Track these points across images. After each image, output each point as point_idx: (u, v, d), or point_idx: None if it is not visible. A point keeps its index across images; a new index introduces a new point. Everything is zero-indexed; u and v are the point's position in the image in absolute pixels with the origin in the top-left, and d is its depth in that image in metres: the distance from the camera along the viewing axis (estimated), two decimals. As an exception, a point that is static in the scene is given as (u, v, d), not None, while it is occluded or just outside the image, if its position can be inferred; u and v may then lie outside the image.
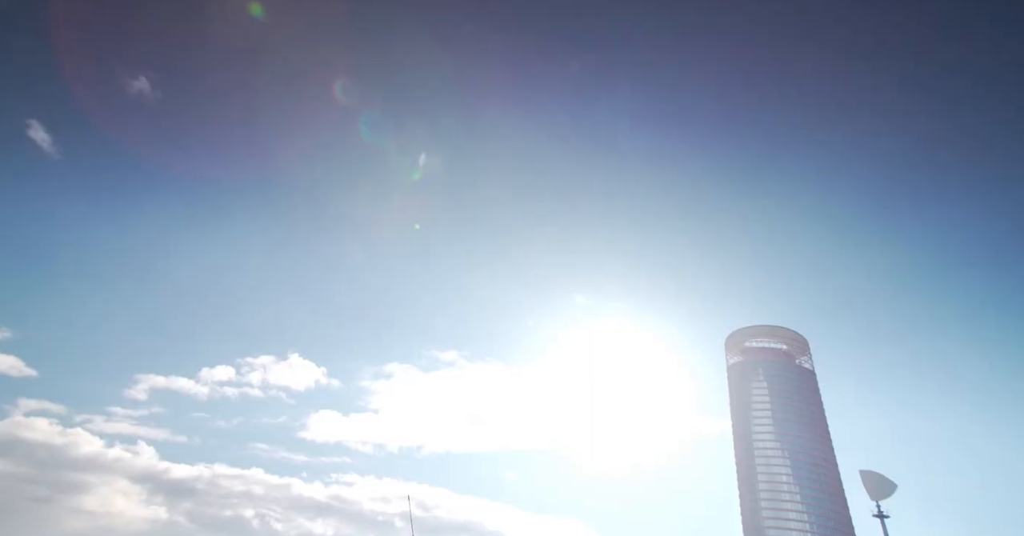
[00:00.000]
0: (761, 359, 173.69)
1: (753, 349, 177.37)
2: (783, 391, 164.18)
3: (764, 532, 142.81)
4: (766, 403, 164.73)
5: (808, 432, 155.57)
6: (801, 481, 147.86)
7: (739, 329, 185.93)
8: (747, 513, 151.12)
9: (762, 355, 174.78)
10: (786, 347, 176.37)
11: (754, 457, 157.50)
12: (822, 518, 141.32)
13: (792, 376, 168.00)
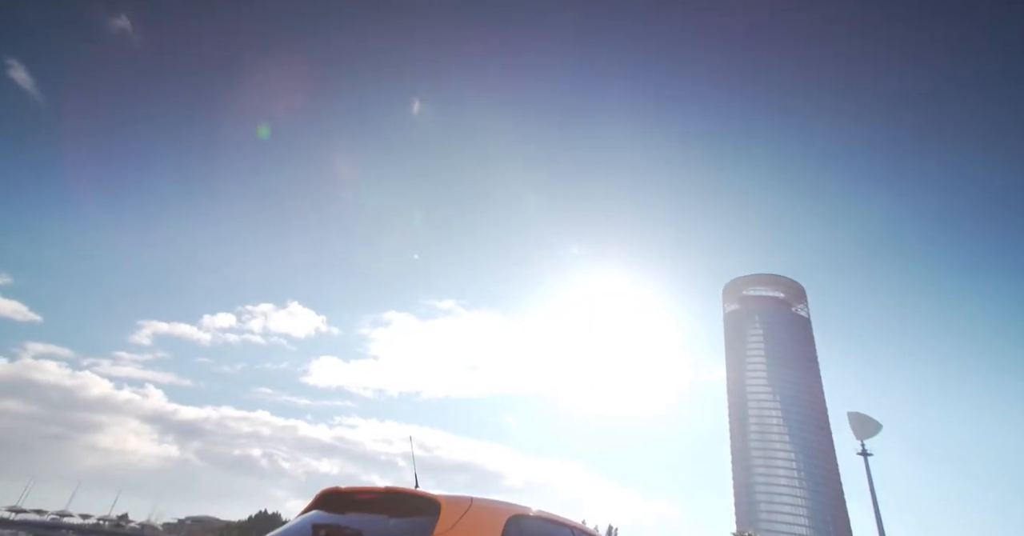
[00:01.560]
0: (758, 307, 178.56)
1: (750, 297, 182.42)
2: (778, 338, 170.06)
3: (752, 469, 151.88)
4: (760, 350, 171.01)
5: (800, 377, 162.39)
6: (790, 423, 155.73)
7: (737, 278, 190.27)
8: (737, 453, 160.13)
9: (759, 303, 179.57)
10: (783, 295, 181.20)
11: (746, 401, 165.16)
12: (808, 457, 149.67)
13: (788, 323, 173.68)
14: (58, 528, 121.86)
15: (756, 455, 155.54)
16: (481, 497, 3.12)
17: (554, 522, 3.56)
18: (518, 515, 3.22)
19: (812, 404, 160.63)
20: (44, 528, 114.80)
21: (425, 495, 2.98)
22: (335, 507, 3.12)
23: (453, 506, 2.91)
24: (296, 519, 3.17)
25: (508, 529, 3.05)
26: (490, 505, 3.11)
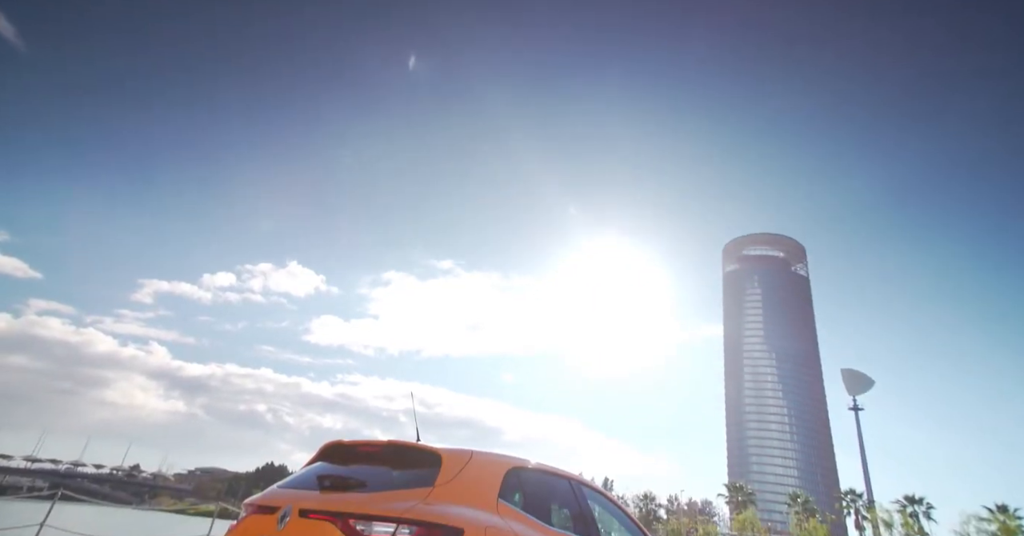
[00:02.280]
0: (757, 267, 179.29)
1: (750, 257, 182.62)
2: (776, 297, 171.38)
3: (745, 424, 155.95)
4: (758, 309, 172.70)
5: (796, 335, 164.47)
6: (784, 380, 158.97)
7: (737, 237, 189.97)
8: (731, 408, 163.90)
9: (758, 263, 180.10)
10: (783, 254, 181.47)
11: (742, 358, 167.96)
12: (800, 412, 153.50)
13: (786, 283, 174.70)
14: (73, 477, 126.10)
15: (750, 410, 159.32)
16: (481, 450, 3.20)
17: (552, 474, 3.66)
18: (517, 467, 3.30)
19: (806, 361, 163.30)
20: (60, 477, 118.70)
21: (426, 448, 3.05)
22: (339, 459, 3.21)
23: (454, 458, 2.98)
24: (301, 470, 3.26)
25: (507, 480, 3.13)
26: (490, 458, 3.18)
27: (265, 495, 3.00)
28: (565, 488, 3.69)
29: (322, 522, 2.56)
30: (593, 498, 3.90)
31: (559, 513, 3.52)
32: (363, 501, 2.63)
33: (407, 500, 2.61)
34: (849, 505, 63.07)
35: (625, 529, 4.18)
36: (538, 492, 3.40)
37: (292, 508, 2.70)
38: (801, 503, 57.69)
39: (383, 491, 2.75)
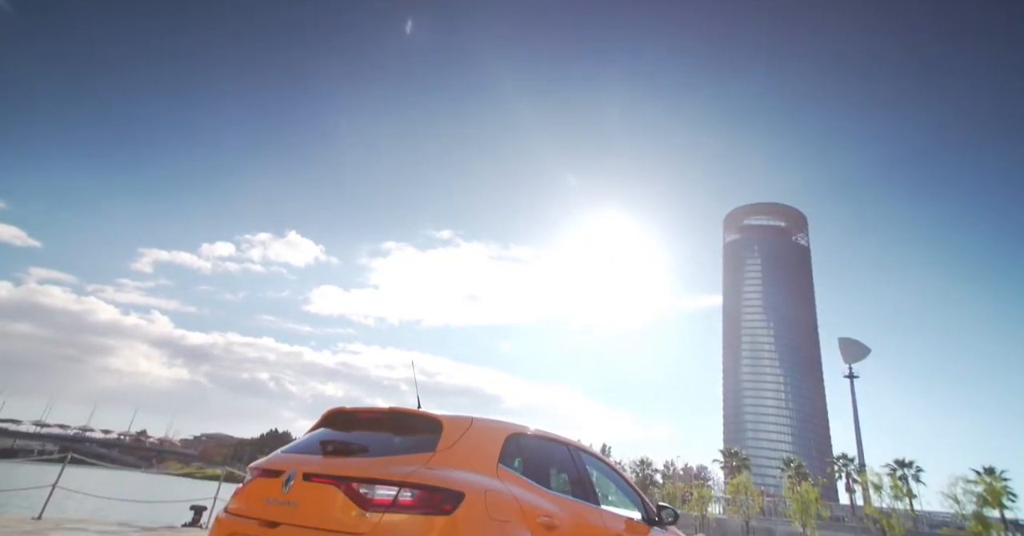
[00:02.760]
0: (757, 237, 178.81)
1: (750, 227, 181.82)
2: (776, 267, 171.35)
3: (742, 392, 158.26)
4: (757, 278, 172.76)
5: (794, 305, 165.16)
6: (782, 349, 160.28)
7: (738, 207, 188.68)
8: (728, 377, 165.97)
9: (759, 233, 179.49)
10: (784, 224, 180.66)
11: (740, 328, 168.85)
12: (796, 380, 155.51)
13: (786, 253, 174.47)
14: (82, 441, 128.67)
15: (746, 379, 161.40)
16: (481, 417, 3.25)
17: (551, 440, 3.73)
18: (516, 433, 3.36)
19: (804, 330, 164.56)
20: (69, 441, 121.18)
21: (427, 415, 3.10)
22: (341, 425, 3.26)
23: (454, 425, 3.03)
24: (304, 436, 3.32)
25: (507, 446, 3.19)
26: (490, 424, 3.24)
27: (270, 459, 3.07)
28: (564, 454, 3.77)
29: (326, 485, 2.62)
30: (591, 463, 3.98)
31: (558, 478, 3.60)
32: (366, 465, 2.69)
33: (409, 465, 2.67)
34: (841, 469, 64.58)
35: (622, 493, 4.28)
36: (537, 457, 3.47)
37: (296, 472, 2.76)
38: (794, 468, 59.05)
39: (385, 456, 2.81)
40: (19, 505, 19.14)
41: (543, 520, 2.98)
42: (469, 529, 2.55)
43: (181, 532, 8.85)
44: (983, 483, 30.16)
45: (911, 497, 43.02)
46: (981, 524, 26.72)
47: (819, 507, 38.94)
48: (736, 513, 48.97)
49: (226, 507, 2.99)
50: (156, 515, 16.01)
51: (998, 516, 30.41)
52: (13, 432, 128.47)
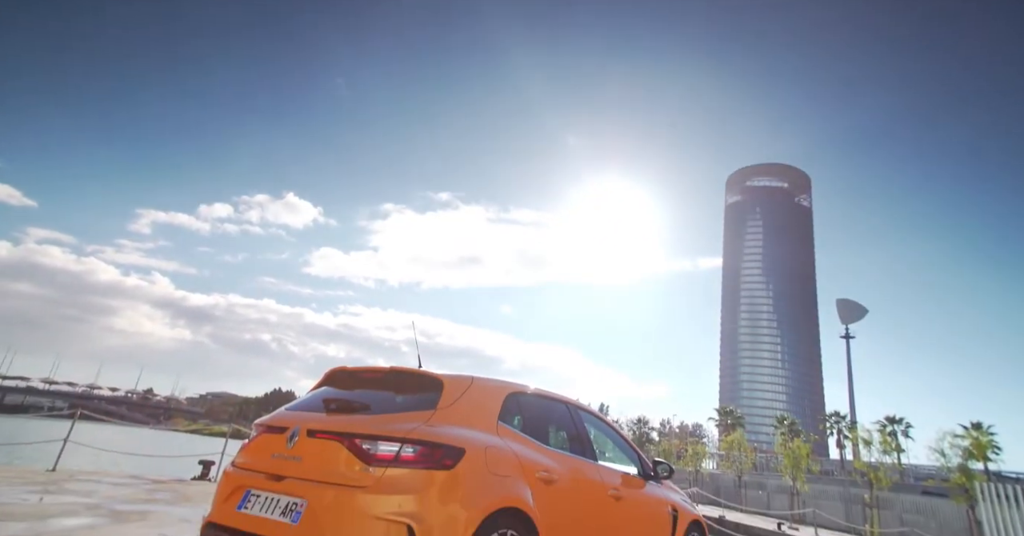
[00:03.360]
0: (760, 198, 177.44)
1: (753, 189, 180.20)
2: (777, 229, 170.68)
3: (738, 353, 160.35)
4: (758, 240, 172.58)
5: (794, 267, 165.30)
6: (780, 311, 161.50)
7: (741, 168, 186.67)
8: (726, 338, 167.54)
9: (761, 194, 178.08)
10: (787, 185, 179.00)
11: (739, 289, 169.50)
12: (793, 341, 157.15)
13: (788, 214, 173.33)
14: (90, 398, 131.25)
15: (744, 340, 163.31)
16: (481, 376, 3.29)
17: (550, 398, 3.79)
18: (516, 392, 3.42)
19: (803, 292, 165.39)
20: (77, 398, 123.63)
21: (428, 374, 3.14)
22: (344, 384, 3.31)
23: (455, 384, 3.08)
24: (307, 394, 3.38)
25: (507, 404, 3.25)
26: (490, 383, 3.29)
27: (274, 416, 3.13)
28: (562, 412, 3.84)
29: (329, 441, 2.68)
30: (589, 421, 4.07)
31: (556, 435, 3.68)
32: (368, 422, 2.74)
33: (410, 422, 2.72)
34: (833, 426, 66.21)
35: (619, 449, 4.39)
36: (536, 415, 3.54)
37: (300, 428, 2.82)
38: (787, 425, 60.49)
39: (387, 414, 2.86)
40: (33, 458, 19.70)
41: (542, 475, 3.06)
42: (470, 483, 2.62)
43: (191, 485, 9.12)
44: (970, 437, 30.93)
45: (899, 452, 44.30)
46: (965, 476, 27.59)
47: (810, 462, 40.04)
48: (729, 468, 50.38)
49: (233, 461, 3.07)
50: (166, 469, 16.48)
51: (982, 468, 31.38)
52: (23, 389, 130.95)
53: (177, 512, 6.04)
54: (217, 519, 2.78)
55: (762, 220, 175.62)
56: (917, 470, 53.11)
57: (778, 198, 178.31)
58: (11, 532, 4.11)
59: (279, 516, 2.53)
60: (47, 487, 6.75)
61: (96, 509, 5.57)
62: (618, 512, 3.70)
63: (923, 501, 34.30)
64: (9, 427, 44.30)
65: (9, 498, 5.63)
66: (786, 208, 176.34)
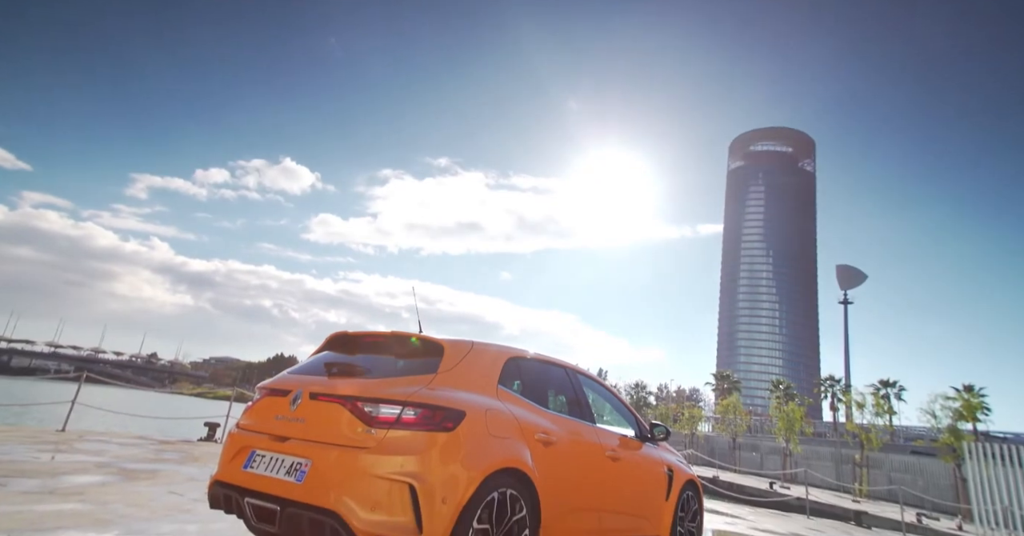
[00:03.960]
0: (763, 163, 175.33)
1: (756, 153, 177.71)
2: (779, 194, 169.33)
3: (737, 319, 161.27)
4: (760, 206, 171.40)
5: (795, 233, 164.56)
6: (780, 277, 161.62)
7: (745, 132, 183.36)
8: (725, 303, 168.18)
9: (764, 159, 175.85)
10: (791, 150, 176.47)
11: (739, 255, 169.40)
12: (791, 307, 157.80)
13: (791, 180, 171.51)
14: (95, 362, 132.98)
15: (743, 306, 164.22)
16: (481, 341, 3.32)
17: (549, 363, 3.84)
18: (516, 357, 3.46)
19: (803, 259, 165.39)
20: (82, 361, 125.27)
21: (429, 338, 3.17)
22: (345, 349, 3.35)
23: (455, 348, 3.11)
24: (309, 358, 3.41)
25: (507, 368, 3.30)
26: (490, 348, 3.32)
27: (277, 380, 3.17)
28: (561, 376, 3.90)
29: (332, 404, 2.73)
30: (588, 385, 4.13)
31: (556, 399, 3.74)
32: (370, 385, 2.78)
33: (412, 385, 2.76)
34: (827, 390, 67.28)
35: (617, 412, 4.47)
36: (536, 380, 3.59)
37: (303, 391, 2.86)
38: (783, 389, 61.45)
39: (388, 377, 2.90)
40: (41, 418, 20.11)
41: (541, 437, 3.13)
42: (470, 444, 2.67)
43: (197, 446, 9.33)
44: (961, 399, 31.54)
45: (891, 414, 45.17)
46: (954, 436, 28.28)
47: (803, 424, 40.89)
48: (724, 431, 51.53)
49: (238, 423, 3.13)
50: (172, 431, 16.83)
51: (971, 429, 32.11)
52: (29, 352, 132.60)
53: (185, 471, 6.20)
54: (224, 477, 2.85)
55: (764, 186, 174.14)
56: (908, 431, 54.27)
57: (781, 163, 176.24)
58: (26, 488, 4.23)
59: (284, 475, 2.59)
60: (58, 446, 6.91)
61: (107, 467, 5.72)
62: (615, 472, 3.80)
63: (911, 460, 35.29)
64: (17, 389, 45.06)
65: (22, 456, 5.77)
66: (789, 173, 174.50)
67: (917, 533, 15.40)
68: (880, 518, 17.42)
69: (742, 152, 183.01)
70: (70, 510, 3.70)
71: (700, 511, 4.97)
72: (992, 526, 12.75)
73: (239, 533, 3.60)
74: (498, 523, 2.69)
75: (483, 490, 2.61)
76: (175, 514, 3.97)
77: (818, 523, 12.58)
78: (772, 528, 9.21)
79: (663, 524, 4.39)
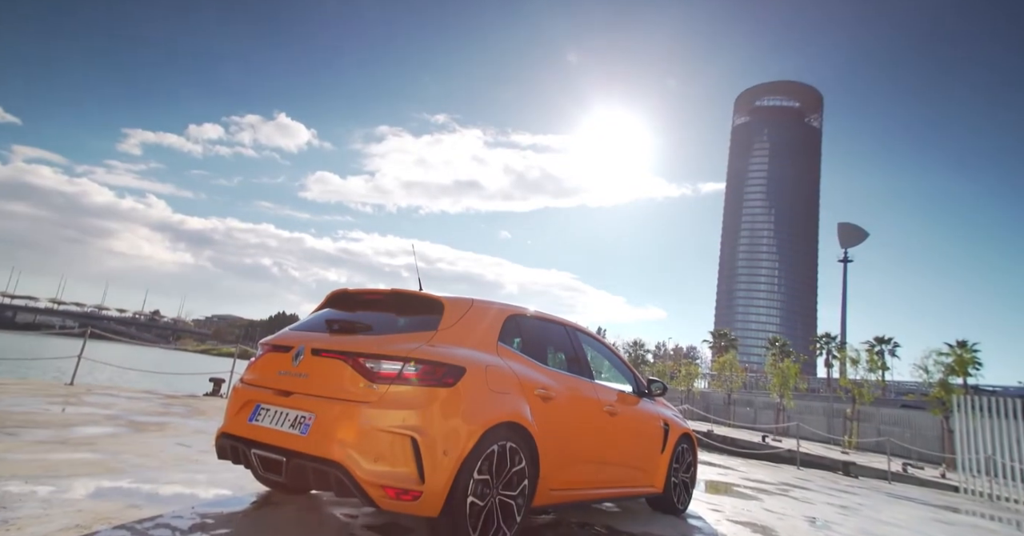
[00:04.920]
0: (768, 119, 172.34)
1: (762, 109, 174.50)
2: (783, 152, 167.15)
3: (736, 277, 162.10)
4: (763, 164, 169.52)
5: (798, 190, 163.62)
6: (780, 235, 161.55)
7: (752, 87, 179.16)
8: (724, 262, 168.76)
9: (770, 114, 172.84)
10: (798, 104, 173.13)
11: (741, 214, 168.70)
12: (791, 266, 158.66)
13: (797, 136, 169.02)
14: (99, 319, 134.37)
15: (742, 264, 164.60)
16: (481, 299, 3.34)
17: (549, 320, 3.87)
18: (516, 314, 3.48)
19: (805, 216, 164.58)
20: (86, 318, 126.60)
21: (429, 296, 3.18)
22: (346, 306, 3.36)
23: (455, 305, 3.12)
24: (310, 315, 3.44)
25: (507, 326, 3.32)
26: (490, 305, 3.34)
27: (279, 336, 3.21)
28: (561, 333, 3.93)
29: (334, 360, 2.76)
30: (587, 342, 4.18)
31: (555, 356, 3.80)
32: (371, 342, 2.81)
33: (412, 342, 2.79)
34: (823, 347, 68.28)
35: (616, 369, 4.55)
36: (535, 337, 3.63)
37: (305, 347, 2.90)
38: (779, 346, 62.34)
39: (389, 334, 2.93)
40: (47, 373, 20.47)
41: (540, 392, 3.18)
42: (471, 399, 2.72)
43: (203, 401, 9.54)
44: (954, 355, 32.08)
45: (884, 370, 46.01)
46: (944, 390, 28.93)
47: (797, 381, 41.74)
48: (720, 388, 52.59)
49: (242, 378, 3.19)
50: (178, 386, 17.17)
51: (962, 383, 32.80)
52: (33, 308, 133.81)
53: (192, 424, 6.36)
54: (231, 430, 2.92)
55: (769, 142, 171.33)
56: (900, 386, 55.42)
57: (787, 119, 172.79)
58: (39, 438, 4.34)
59: (289, 428, 2.65)
60: (67, 399, 7.06)
61: (116, 419, 5.86)
62: (613, 426, 3.89)
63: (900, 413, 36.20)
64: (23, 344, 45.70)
65: (33, 408, 5.91)
66: (795, 130, 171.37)
67: (902, 481, 15.95)
68: (867, 468, 18.01)
69: (747, 107, 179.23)
70: (82, 459, 3.81)
71: (694, 463, 5.14)
72: (974, 474, 13.25)
73: (246, 482, 3.73)
74: (498, 474, 2.77)
75: (483, 443, 2.67)
76: (184, 464, 4.10)
77: (807, 473, 13.00)
78: (763, 478, 9.52)
79: (658, 475, 4.54)
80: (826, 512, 6.65)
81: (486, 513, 2.70)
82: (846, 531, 5.43)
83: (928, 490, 14.02)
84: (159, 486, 3.38)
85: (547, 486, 3.15)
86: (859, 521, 6.34)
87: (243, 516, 3.00)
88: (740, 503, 6.13)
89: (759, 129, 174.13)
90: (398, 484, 2.44)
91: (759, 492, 7.43)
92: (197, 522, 2.77)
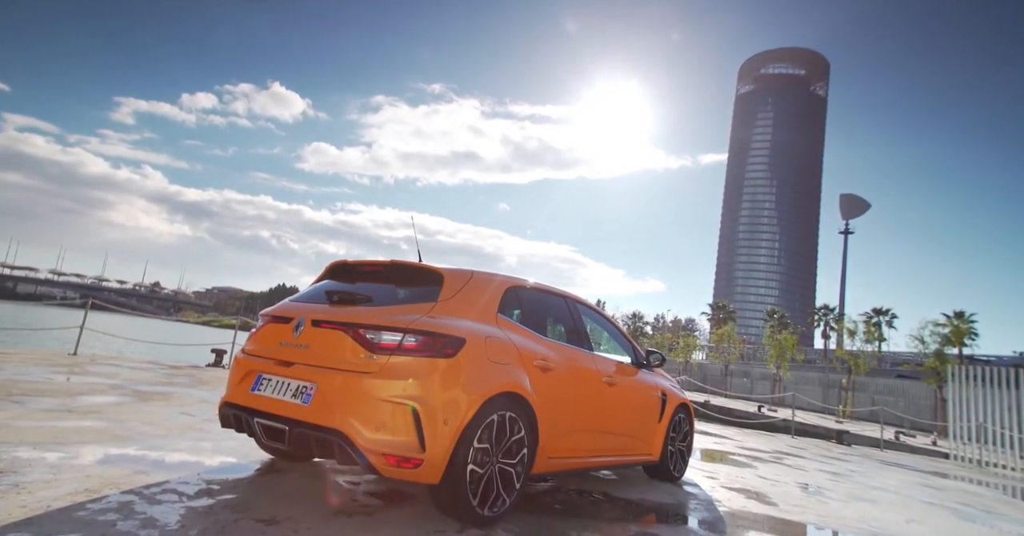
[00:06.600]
0: (772, 87, 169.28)
1: (766, 77, 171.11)
2: (787, 121, 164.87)
3: (736, 249, 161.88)
4: (767, 134, 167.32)
5: (801, 161, 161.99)
6: (782, 207, 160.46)
7: (757, 54, 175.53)
8: (725, 234, 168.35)
9: (774, 83, 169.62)
10: (803, 72, 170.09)
11: (743, 186, 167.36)
12: (792, 238, 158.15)
13: (801, 104, 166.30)
14: (100, 290, 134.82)
15: (743, 237, 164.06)
16: (481, 270, 3.34)
17: (548, 292, 3.88)
18: (515, 286, 3.49)
19: (807, 187, 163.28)
20: (87, 289, 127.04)
21: (428, 267, 3.18)
22: (345, 278, 3.37)
23: (455, 277, 3.13)
24: (310, 287, 3.44)
25: (506, 297, 3.33)
26: (489, 277, 3.34)
27: (279, 307, 3.22)
28: (560, 305, 3.95)
29: (334, 331, 2.78)
30: (586, 314, 4.20)
31: (554, 328, 3.82)
32: (371, 313, 2.82)
33: (412, 313, 2.80)
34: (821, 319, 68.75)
35: (614, 341, 4.58)
36: (535, 309, 3.65)
37: (305, 319, 2.91)
38: (777, 318, 62.74)
39: (389, 306, 2.94)
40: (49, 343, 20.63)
41: (539, 363, 3.21)
42: (471, 370, 2.75)
43: (205, 371, 9.64)
44: (951, 325, 32.30)
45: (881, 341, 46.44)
46: (939, 360, 29.22)
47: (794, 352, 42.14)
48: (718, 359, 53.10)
49: (243, 348, 3.22)
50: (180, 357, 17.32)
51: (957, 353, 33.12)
52: (34, 279, 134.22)
53: (195, 394, 6.45)
54: (233, 399, 2.96)
55: (773, 111, 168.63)
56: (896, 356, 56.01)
57: (792, 87, 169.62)
58: (45, 406, 4.41)
59: (291, 397, 2.69)
60: (72, 369, 7.14)
61: (120, 389, 5.94)
62: (611, 396, 3.94)
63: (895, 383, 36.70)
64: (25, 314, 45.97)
65: (38, 377, 5.98)
66: (800, 98, 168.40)
67: (894, 449, 16.29)
68: (860, 436, 18.36)
69: (752, 75, 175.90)
70: (89, 427, 3.88)
71: (691, 432, 5.22)
72: (964, 441, 13.55)
73: (250, 450, 3.80)
74: (497, 443, 2.82)
75: (483, 413, 2.71)
76: (188, 432, 4.17)
77: (801, 442, 13.25)
78: (757, 446, 9.70)
79: (655, 444, 4.62)
80: (818, 478, 6.81)
81: (486, 480, 2.75)
82: (837, 496, 5.57)
83: (919, 457, 14.31)
84: (165, 453, 3.45)
85: (546, 454, 3.20)
86: (850, 486, 6.50)
87: (248, 483, 3.07)
88: (735, 471, 6.27)
89: (763, 98, 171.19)
90: (399, 452, 2.49)
91: (754, 460, 7.59)
92: (203, 488, 2.83)
